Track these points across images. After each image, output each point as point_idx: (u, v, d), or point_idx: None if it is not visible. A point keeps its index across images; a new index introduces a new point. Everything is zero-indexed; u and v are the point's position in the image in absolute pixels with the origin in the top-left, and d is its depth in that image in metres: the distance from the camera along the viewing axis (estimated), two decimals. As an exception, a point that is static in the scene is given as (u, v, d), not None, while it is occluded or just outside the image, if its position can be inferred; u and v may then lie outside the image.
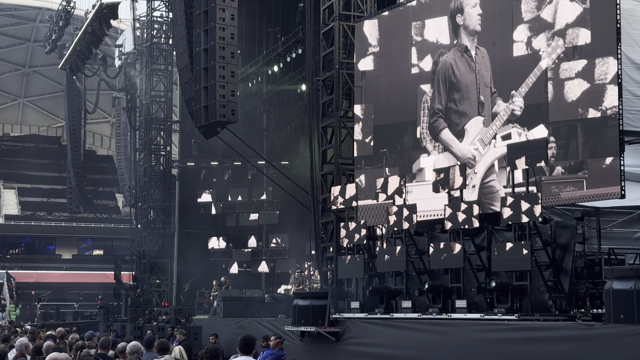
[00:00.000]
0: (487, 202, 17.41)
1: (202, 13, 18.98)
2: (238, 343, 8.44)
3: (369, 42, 21.72)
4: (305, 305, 18.43)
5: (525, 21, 17.44)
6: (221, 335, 20.02)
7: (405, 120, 20.65)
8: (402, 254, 17.61)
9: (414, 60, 20.49)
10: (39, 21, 62.08)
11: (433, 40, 20.02)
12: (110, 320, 32.16)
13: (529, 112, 17.26)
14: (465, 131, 18.70)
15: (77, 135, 43.75)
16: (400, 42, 20.97)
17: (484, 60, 18.37)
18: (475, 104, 18.53)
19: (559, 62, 16.62)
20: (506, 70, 17.96)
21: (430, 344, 15.45)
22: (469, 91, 18.73)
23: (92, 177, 56.44)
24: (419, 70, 20.36)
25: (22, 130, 72.96)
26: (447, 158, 18.95)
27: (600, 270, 14.62)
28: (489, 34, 18.50)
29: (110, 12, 33.73)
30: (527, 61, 17.31)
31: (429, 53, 20.07)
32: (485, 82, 18.28)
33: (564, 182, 16.15)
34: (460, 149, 18.76)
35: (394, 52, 21.20)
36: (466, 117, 18.77)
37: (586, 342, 12.38)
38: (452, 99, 19.20)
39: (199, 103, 19.19)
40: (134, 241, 37.38)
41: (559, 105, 16.64)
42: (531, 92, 17.20)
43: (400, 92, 20.92)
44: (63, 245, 61.93)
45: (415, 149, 20.15)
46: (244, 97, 34.83)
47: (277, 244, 33.93)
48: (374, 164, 21.25)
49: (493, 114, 18.01)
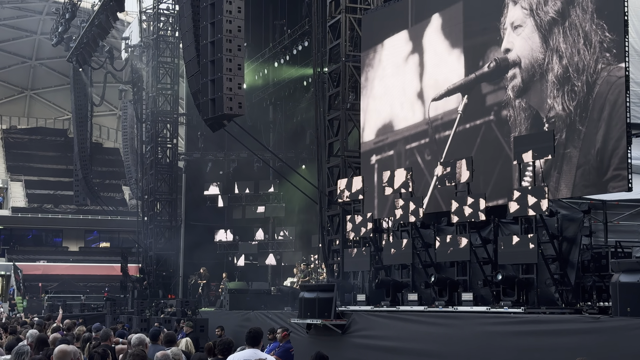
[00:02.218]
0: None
1: (209, 5, 18.96)
2: (245, 335, 8.46)
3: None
4: (312, 297, 18.45)
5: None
6: (227, 327, 20.07)
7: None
8: (409, 247, 17.60)
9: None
10: (46, 13, 62.15)
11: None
12: (116, 312, 32.27)
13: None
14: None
15: (84, 127, 43.87)
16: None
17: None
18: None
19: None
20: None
21: (437, 336, 15.45)
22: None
23: (99, 169, 56.55)
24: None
25: (29, 123, 73.14)
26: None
27: (607, 263, 14.60)
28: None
29: (116, 4, 33.77)
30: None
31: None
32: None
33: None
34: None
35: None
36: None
37: (593, 335, 12.37)
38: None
39: (205, 96, 19.18)
40: (140, 233, 37.48)
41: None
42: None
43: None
44: (70, 237, 62.13)
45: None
46: (251, 90, 34.86)
47: (283, 236, 34.00)
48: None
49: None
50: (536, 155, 14.85)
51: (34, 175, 64.51)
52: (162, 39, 35.95)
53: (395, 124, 21.05)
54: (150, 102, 36.18)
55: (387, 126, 21.35)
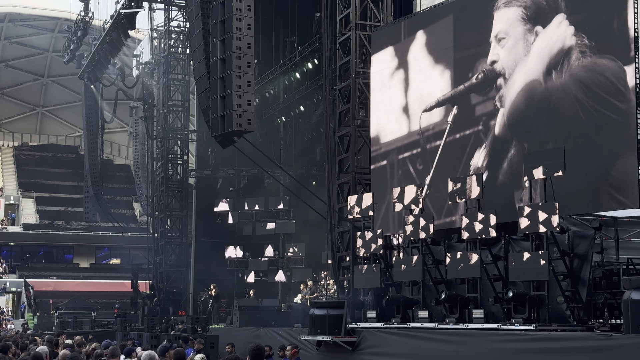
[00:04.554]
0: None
1: (219, 23, 19.03)
2: (248, 352, 8.47)
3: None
4: (322, 314, 18.39)
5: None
6: (237, 344, 20.01)
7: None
8: (419, 264, 17.55)
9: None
10: (58, 31, 62.63)
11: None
12: (127, 329, 32.24)
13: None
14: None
15: (95, 144, 43.98)
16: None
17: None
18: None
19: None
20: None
21: (447, 354, 15.37)
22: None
23: (110, 186, 56.74)
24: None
25: (41, 140, 73.54)
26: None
27: (619, 281, 14.51)
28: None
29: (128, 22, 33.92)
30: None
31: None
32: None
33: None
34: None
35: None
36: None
37: (604, 352, 12.28)
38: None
39: (215, 112, 19.23)
40: (151, 250, 37.51)
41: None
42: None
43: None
44: (81, 254, 62.26)
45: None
46: (261, 107, 34.92)
47: (293, 253, 33.93)
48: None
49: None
50: (547, 172, 14.81)
51: (45, 192, 64.78)
52: (173, 56, 36.12)
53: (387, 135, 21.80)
54: (161, 119, 36.30)
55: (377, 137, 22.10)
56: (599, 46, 16.11)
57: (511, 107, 18.00)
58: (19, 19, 62.62)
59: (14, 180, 67.18)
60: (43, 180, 65.61)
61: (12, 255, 60.67)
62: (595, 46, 16.16)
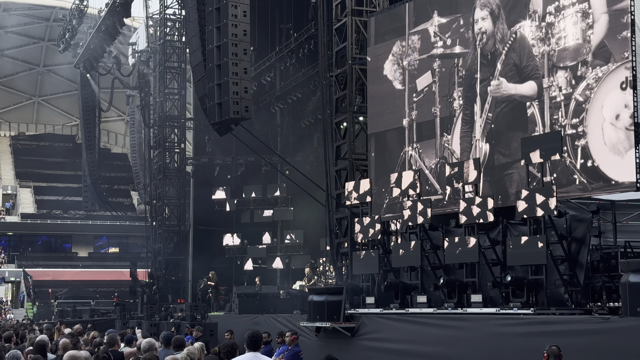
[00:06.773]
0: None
1: (215, 10, 18.99)
2: (245, 339, 8.49)
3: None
4: (321, 301, 18.43)
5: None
6: (237, 331, 20.05)
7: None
8: (417, 249, 17.56)
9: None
10: (53, 20, 62.41)
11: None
12: (126, 317, 32.26)
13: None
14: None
15: (92, 133, 43.97)
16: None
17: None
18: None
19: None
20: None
21: (446, 338, 15.41)
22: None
23: (107, 175, 56.68)
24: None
25: (37, 129, 73.42)
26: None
27: (617, 264, 14.54)
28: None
29: (123, 10, 33.86)
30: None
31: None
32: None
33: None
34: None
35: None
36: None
37: (602, 335, 12.33)
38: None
39: (212, 100, 19.21)
40: (149, 238, 37.53)
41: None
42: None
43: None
44: (79, 243, 62.27)
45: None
46: (258, 94, 34.86)
47: (291, 240, 33.96)
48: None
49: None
50: (544, 155, 14.81)
51: (43, 181, 64.72)
52: (168, 44, 36.01)
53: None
54: (158, 107, 36.24)
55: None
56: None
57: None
58: (14, 8, 62.37)
59: (12, 170, 67.12)
60: (40, 169, 65.53)
61: (11, 245, 60.69)
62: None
